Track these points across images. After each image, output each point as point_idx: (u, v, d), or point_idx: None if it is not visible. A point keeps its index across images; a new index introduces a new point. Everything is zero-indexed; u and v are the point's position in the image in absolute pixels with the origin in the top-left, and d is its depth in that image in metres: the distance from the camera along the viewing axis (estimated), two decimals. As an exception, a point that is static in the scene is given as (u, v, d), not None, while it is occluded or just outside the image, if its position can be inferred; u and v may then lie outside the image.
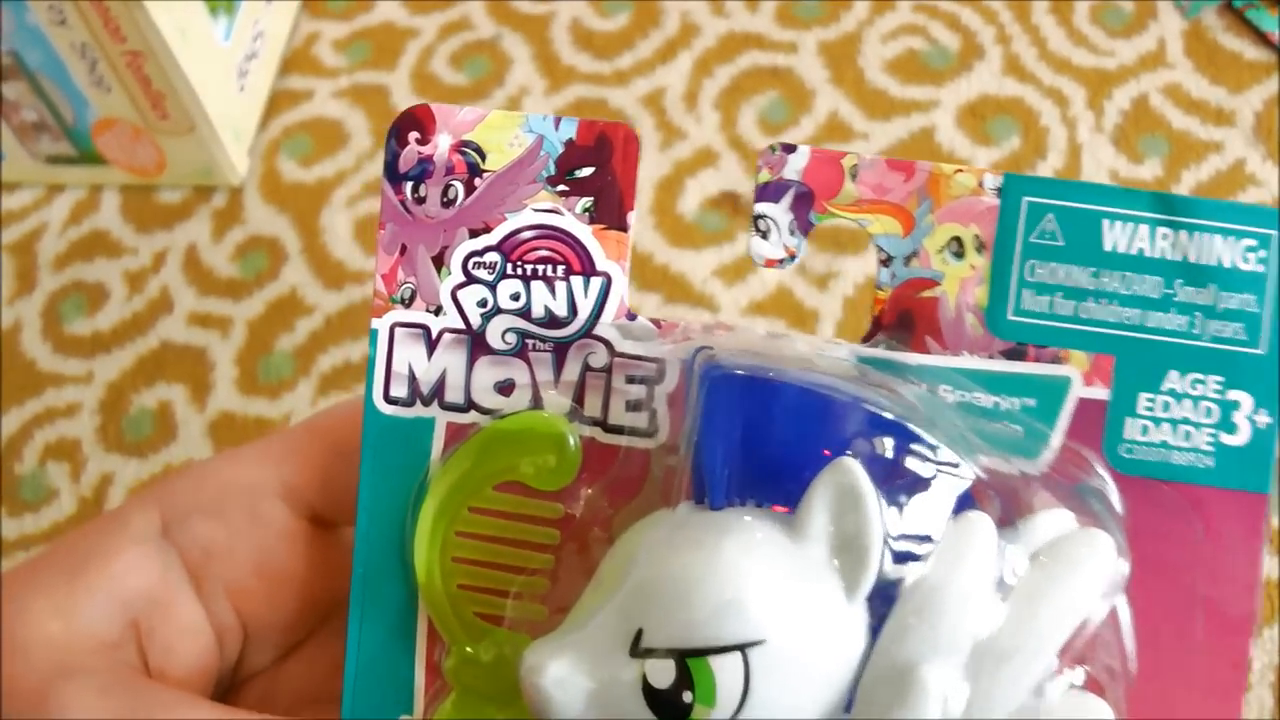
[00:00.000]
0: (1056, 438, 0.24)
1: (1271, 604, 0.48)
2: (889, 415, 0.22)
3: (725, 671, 0.20)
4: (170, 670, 0.27)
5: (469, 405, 0.25)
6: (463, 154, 0.24)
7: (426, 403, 0.25)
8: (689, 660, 0.20)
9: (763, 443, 0.22)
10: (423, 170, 0.24)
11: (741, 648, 0.20)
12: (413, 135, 0.24)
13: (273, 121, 0.66)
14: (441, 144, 0.24)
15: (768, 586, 0.21)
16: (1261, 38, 0.61)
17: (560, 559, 0.25)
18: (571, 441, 0.24)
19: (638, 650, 0.21)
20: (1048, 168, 0.59)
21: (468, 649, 0.24)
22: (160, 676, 0.26)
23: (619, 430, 0.24)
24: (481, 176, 0.24)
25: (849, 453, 0.21)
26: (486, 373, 0.25)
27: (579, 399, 0.25)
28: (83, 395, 0.59)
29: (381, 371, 0.25)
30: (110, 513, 0.27)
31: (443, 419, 0.25)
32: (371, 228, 0.60)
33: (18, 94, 0.60)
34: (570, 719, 0.21)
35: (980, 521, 0.22)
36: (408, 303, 0.25)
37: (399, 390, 0.25)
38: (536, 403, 0.25)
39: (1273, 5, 0.61)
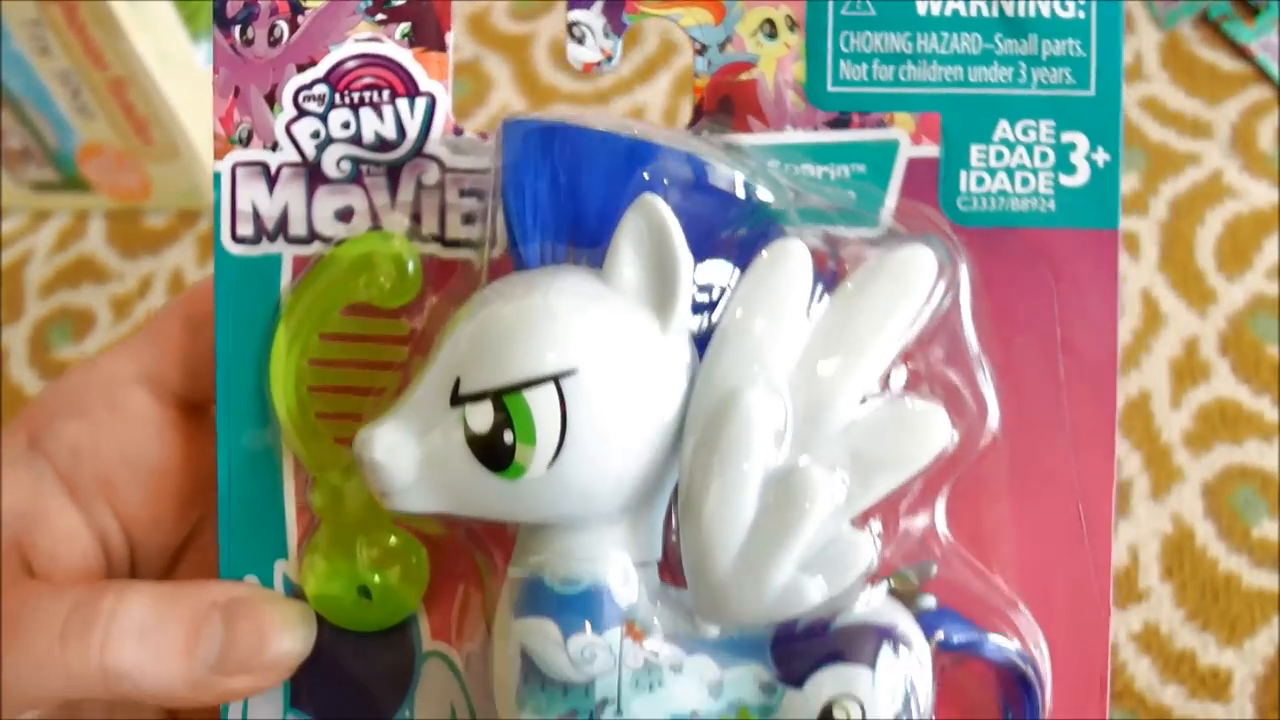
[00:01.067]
0: (891, 198, 0.24)
1: (1252, 614, 0.48)
2: (700, 159, 0.22)
3: (541, 404, 0.20)
4: (58, 577, 0.26)
5: (312, 236, 0.26)
6: None
7: (272, 238, 0.26)
8: (505, 398, 0.20)
9: (568, 189, 0.22)
10: (249, 13, 0.25)
11: (554, 379, 0.20)
12: None
13: (257, 144, 0.66)
14: None
15: (575, 320, 0.21)
16: (1238, 50, 0.61)
17: (408, 374, 0.25)
18: (411, 258, 0.25)
19: (456, 398, 0.21)
20: (1027, 182, 0.59)
21: (333, 481, 0.25)
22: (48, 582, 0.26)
23: (457, 244, 0.25)
24: (304, 14, 0.25)
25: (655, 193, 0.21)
26: (326, 202, 0.25)
27: (416, 217, 0.25)
28: (70, 421, 0.59)
29: (227, 213, 0.26)
30: None
31: (289, 252, 0.25)
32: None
33: (2, 121, 0.61)
34: (406, 490, 0.22)
35: (791, 245, 0.22)
36: (246, 142, 0.26)
37: (245, 229, 0.26)
38: (376, 226, 0.25)
39: (1249, 17, 0.61)
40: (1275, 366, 0.53)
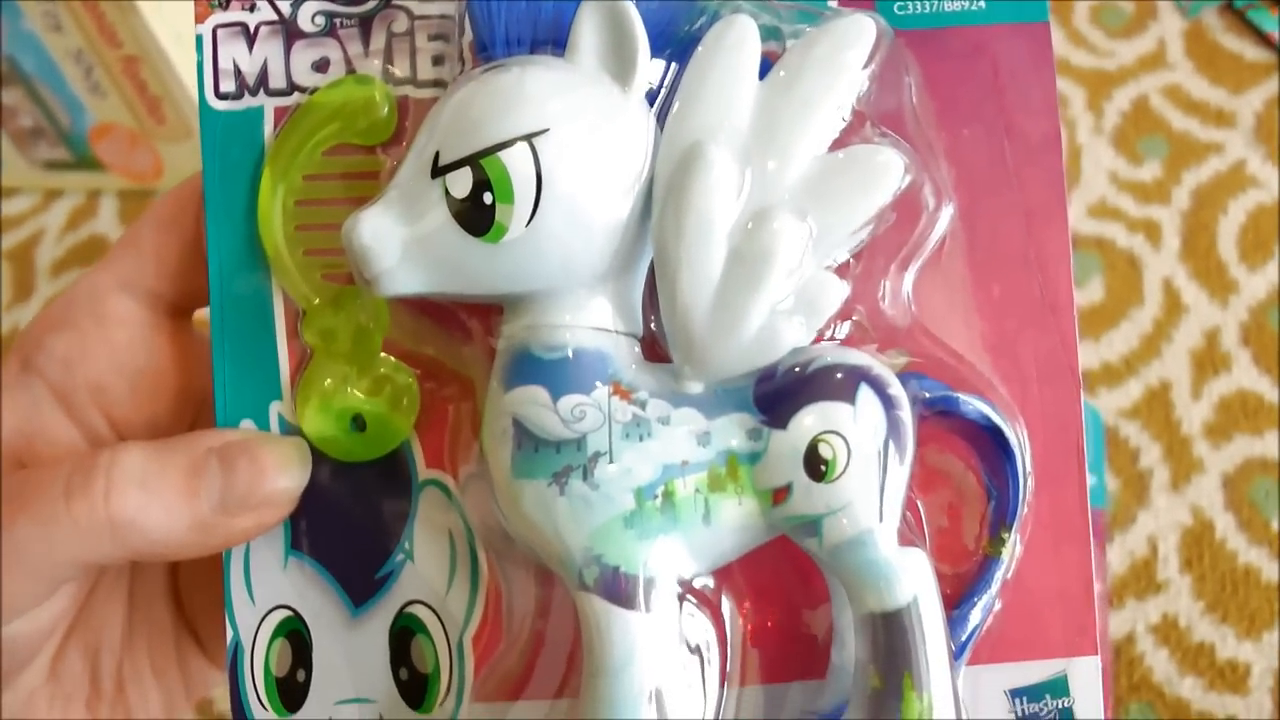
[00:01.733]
0: (833, 2, 0.25)
1: (1271, 608, 0.48)
2: None
3: (516, 162, 0.21)
4: None
5: (291, 88, 0.27)
6: None
7: (254, 92, 0.27)
8: (482, 161, 0.22)
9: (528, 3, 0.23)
10: None
11: (526, 138, 0.22)
12: None
13: (270, 126, 0.66)
14: None
15: (543, 86, 0.22)
16: (1262, 38, 0.61)
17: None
18: (386, 100, 0.26)
19: (437, 170, 0.22)
20: (1047, 169, 0.59)
21: (323, 313, 0.26)
22: None
23: (429, 84, 0.26)
24: None
25: None
26: (303, 55, 0.26)
27: (389, 62, 0.26)
28: (81, 401, 0.59)
29: (210, 72, 0.27)
30: None
31: (270, 104, 0.27)
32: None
33: (14, 100, 0.60)
34: (393, 269, 0.23)
35: (737, 18, 0.23)
36: (225, 5, 0.27)
37: (227, 85, 0.27)
38: (351, 72, 0.26)
39: (1273, 5, 0.60)
40: (1297, 358, 0.53)
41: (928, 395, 0.24)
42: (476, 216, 0.22)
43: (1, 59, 0.58)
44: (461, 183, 0.22)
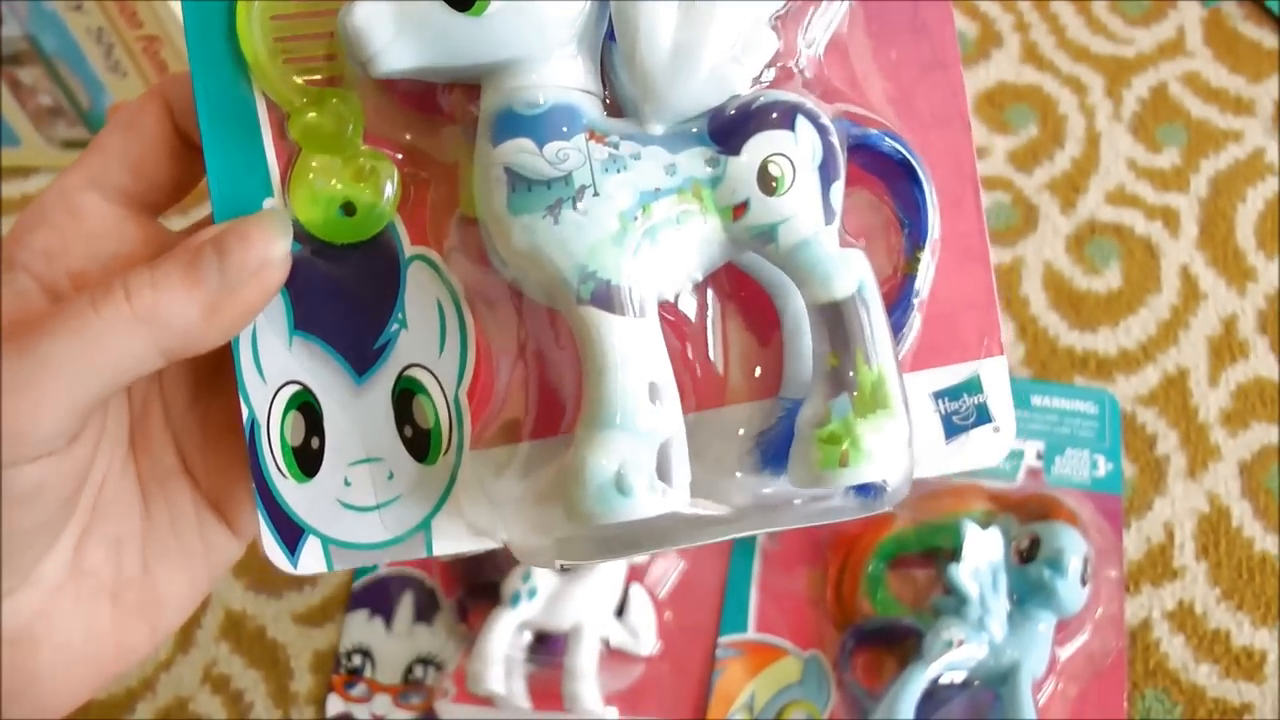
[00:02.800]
0: None
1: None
2: None
3: None
4: None
5: None
6: None
7: None
8: None
9: None
10: None
11: None
12: None
13: (288, 107, 0.66)
14: None
15: None
16: (1282, 26, 0.61)
17: None
18: None
19: None
20: (1065, 156, 0.59)
21: (307, 113, 0.28)
22: None
23: None
24: None
25: None
26: None
27: None
28: (99, 380, 0.59)
29: None
30: None
31: None
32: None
33: (34, 79, 0.60)
34: (387, 47, 0.26)
35: None
36: None
37: None
38: None
39: (1293, -7, 0.60)
40: (1315, 346, 0.53)
41: (851, 134, 0.28)
42: None
43: (21, 38, 0.58)
44: None
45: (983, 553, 0.46)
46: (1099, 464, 0.50)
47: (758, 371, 0.29)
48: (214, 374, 0.32)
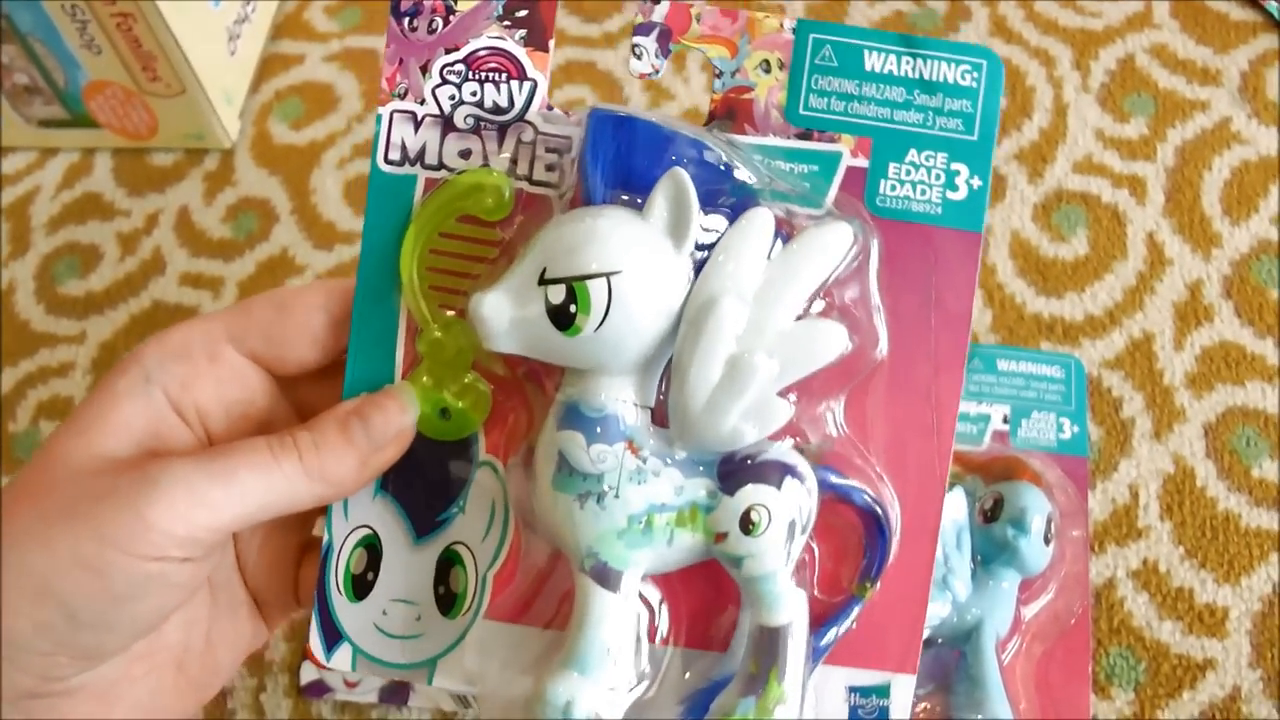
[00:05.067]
0: (832, 192, 0.35)
1: (1250, 553, 0.48)
2: (712, 148, 0.34)
3: (596, 290, 0.32)
4: None
5: (440, 165, 0.36)
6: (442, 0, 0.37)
7: (412, 164, 0.36)
8: (574, 284, 0.32)
9: (627, 157, 0.33)
10: (415, 9, 0.36)
11: (606, 275, 0.32)
12: None
13: (264, 85, 0.66)
14: None
15: (623, 238, 0.32)
16: (1248, -3, 0.61)
17: (497, 268, 0.35)
18: (508, 188, 0.35)
19: (542, 280, 0.32)
20: (1034, 126, 0.59)
21: (435, 333, 0.35)
22: None
23: (541, 184, 0.36)
24: (454, 14, 0.36)
25: (681, 165, 0.33)
26: (452, 144, 0.36)
27: (514, 161, 0.36)
28: (75, 354, 0.59)
29: (384, 143, 0.36)
30: (100, 383, 0.34)
31: (422, 175, 0.36)
32: (361, 190, 0.60)
33: (9, 57, 0.61)
34: (500, 335, 0.32)
35: (761, 211, 0.33)
36: (403, 97, 0.36)
37: (394, 155, 0.36)
38: (485, 164, 0.36)
39: (1259, -35, 0.61)
40: (1278, 310, 0.53)
41: (834, 483, 0.34)
42: (563, 318, 0.32)
43: (-3, 16, 0.59)
44: (556, 293, 0.32)
45: (947, 513, 0.46)
46: (1065, 427, 0.51)
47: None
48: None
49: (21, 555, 0.31)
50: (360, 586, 0.37)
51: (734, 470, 0.33)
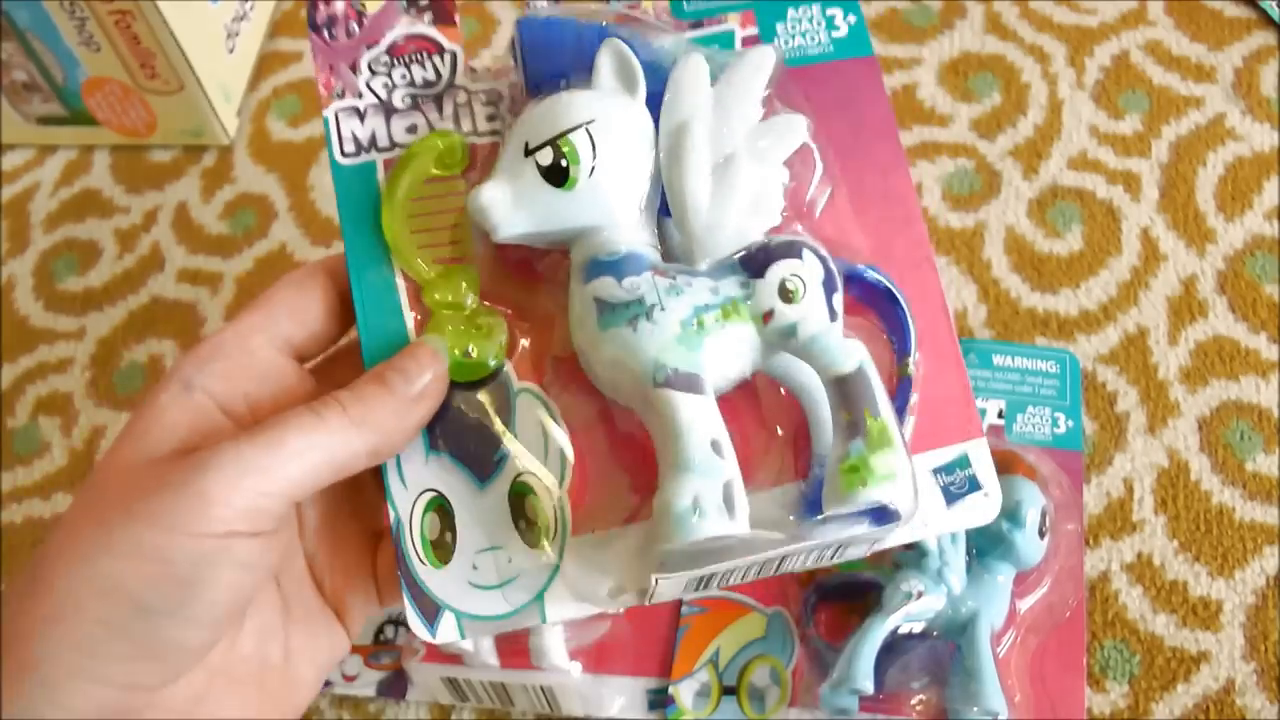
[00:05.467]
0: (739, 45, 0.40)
1: (1243, 546, 0.48)
2: (637, 31, 0.37)
3: (579, 140, 0.35)
4: None
5: (393, 145, 0.39)
6: (352, 3, 0.40)
7: (367, 151, 0.39)
8: (558, 140, 0.35)
9: (559, 48, 0.37)
10: (330, 19, 0.39)
11: (583, 125, 0.35)
12: (321, 4, 0.40)
13: (262, 82, 0.66)
14: (338, 6, 0.40)
15: (588, 98, 0.36)
16: (1242, -6, 0.61)
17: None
18: (460, 144, 0.38)
19: (528, 151, 0.35)
20: (1028, 123, 0.59)
21: (435, 281, 0.37)
22: None
23: (485, 134, 0.39)
24: (366, 16, 0.39)
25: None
26: (398, 124, 0.39)
27: (457, 122, 0.39)
28: (74, 350, 0.59)
29: (335, 139, 0.39)
30: (143, 399, 0.35)
31: (379, 158, 0.39)
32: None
33: (8, 54, 0.61)
34: (505, 218, 0.35)
35: (695, 57, 0.36)
36: (342, 96, 0.39)
37: (349, 148, 0.39)
38: (433, 130, 0.39)
39: (1253, -38, 0.61)
40: (1272, 305, 0.53)
41: (843, 267, 0.36)
42: (557, 174, 0.34)
43: (-4, 13, 0.59)
44: (545, 155, 0.35)
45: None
46: (1060, 421, 0.51)
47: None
48: (340, 506, 0.38)
49: (86, 564, 0.31)
50: (441, 550, 0.36)
51: (755, 257, 0.35)
